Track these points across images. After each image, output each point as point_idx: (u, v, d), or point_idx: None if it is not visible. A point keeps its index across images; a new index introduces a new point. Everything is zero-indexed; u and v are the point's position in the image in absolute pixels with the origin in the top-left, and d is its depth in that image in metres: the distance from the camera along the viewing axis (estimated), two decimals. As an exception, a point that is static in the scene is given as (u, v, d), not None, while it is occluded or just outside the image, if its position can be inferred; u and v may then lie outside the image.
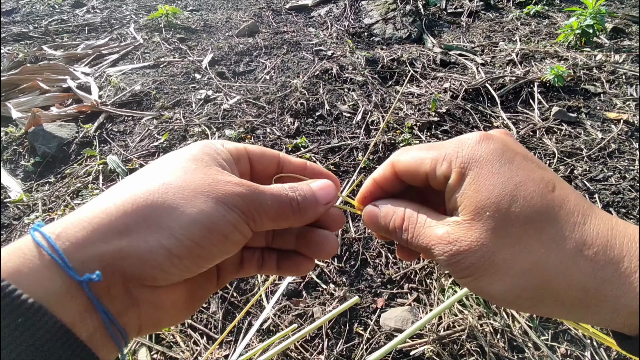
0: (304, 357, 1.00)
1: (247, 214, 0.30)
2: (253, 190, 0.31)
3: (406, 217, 0.35)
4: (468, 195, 0.31)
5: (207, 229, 0.28)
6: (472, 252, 0.30)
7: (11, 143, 1.89)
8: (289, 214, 0.33)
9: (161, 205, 0.27)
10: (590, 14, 2.50)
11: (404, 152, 0.37)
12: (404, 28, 2.95)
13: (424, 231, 0.33)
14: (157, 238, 0.26)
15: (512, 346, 1.01)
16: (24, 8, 3.68)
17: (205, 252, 0.28)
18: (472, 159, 0.32)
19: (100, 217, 0.26)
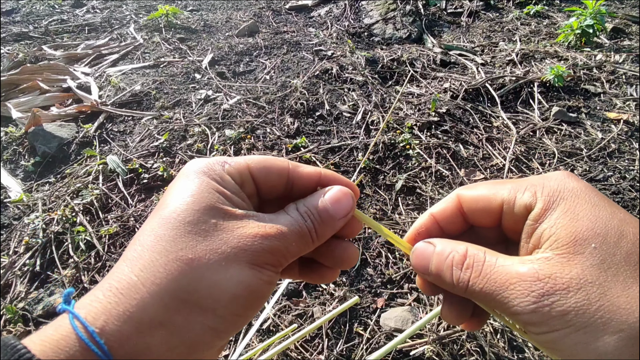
0: (304, 357, 1.00)
1: (278, 265, 0.29)
2: (279, 238, 0.29)
3: (469, 254, 0.29)
4: (563, 225, 0.26)
5: (248, 299, 0.27)
6: (573, 290, 0.24)
7: (11, 143, 1.89)
8: (309, 243, 0.31)
9: (198, 281, 0.26)
10: (590, 14, 2.49)
11: (471, 187, 0.33)
12: (404, 28, 2.95)
13: (496, 269, 0.27)
14: (201, 321, 0.25)
15: (512, 346, 1.01)
16: (24, 8, 3.68)
17: (248, 317, 0.29)
18: (564, 188, 0.28)
19: (137, 305, 0.24)
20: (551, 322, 0.24)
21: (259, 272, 0.28)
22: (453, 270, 0.30)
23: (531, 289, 0.25)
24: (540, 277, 0.25)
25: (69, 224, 1.37)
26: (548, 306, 0.24)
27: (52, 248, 1.30)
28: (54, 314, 1.13)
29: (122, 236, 1.34)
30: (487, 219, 0.32)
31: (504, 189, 0.31)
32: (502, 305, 0.27)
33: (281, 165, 0.33)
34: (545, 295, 0.25)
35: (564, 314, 0.24)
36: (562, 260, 0.25)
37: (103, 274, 1.23)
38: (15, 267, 1.25)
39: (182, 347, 0.25)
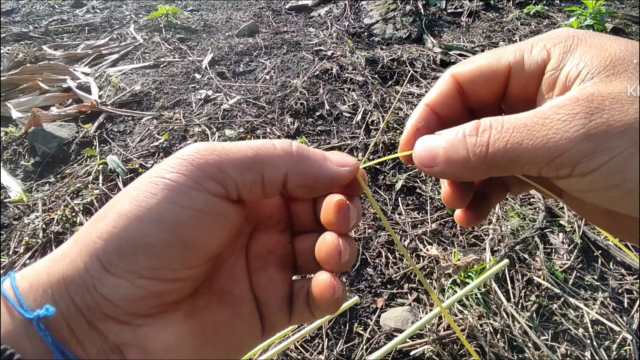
0: (304, 357, 1.00)
1: (195, 172, 0.24)
2: (210, 144, 0.26)
3: (483, 121, 0.25)
4: (592, 56, 0.22)
5: (132, 217, 0.23)
6: (627, 103, 0.20)
7: (11, 143, 1.89)
8: (271, 154, 0.26)
9: (97, 218, 0.24)
10: (590, 14, 2.49)
11: (465, 62, 0.29)
12: (404, 28, 2.95)
13: (521, 117, 0.23)
14: (86, 250, 0.22)
15: (512, 346, 1.01)
16: (24, 8, 3.68)
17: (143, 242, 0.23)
18: (576, 33, 0.24)
19: (57, 252, 0.24)
20: (613, 144, 0.19)
21: (154, 179, 0.24)
22: (467, 140, 0.24)
23: (575, 111, 0.20)
24: (582, 98, 0.21)
25: (69, 224, 1.37)
26: (604, 124, 0.19)
27: (52, 248, 1.30)
28: (54, 314, 1.13)
29: (122, 236, 1.34)
30: (491, 90, 0.28)
31: (507, 53, 0.27)
32: (537, 153, 0.21)
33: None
34: (595, 112, 0.20)
35: (626, 129, 0.19)
36: (602, 81, 0.21)
37: (103, 274, 1.23)
38: (16, 267, 1.25)
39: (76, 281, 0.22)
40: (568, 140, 0.20)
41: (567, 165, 0.21)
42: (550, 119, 0.21)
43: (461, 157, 0.24)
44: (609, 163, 0.20)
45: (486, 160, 0.23)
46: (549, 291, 1.13)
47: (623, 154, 0.19)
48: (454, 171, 0.25)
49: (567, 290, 1.13)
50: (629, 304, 1.10)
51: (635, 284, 1.15)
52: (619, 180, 0.20)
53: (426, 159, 0.26)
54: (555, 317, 1.08)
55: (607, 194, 0.21)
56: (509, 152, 0.22)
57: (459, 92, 0.30)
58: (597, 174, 0.20)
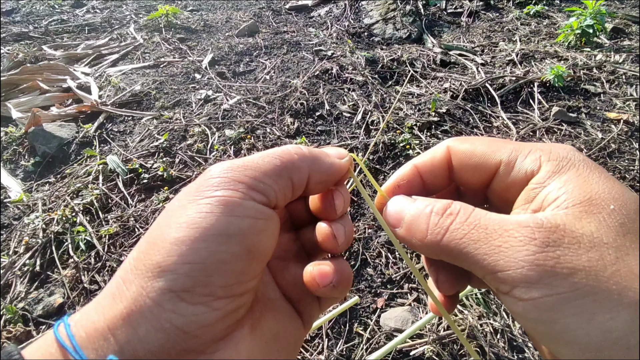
0: (304, 357, 1.00)
1: (238, 186, 0.25)
2: (230, 161, 0.26)
3: (454, 204, 0.25)
4: (576, 186, 0.23)
5: (194, 238, 0.22)
6: (585, 247, 0.20)
7: (11, 143, 1.89)
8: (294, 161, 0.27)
9: (145, 251, 0.23)
10: (590, 14, 2.49)
11: (465, 140, 0.30)
12: (404, 28, 2.95)
13: (487, 217, 0.23)
14: (152, 287, 0.21)
15: (512, 346, 1.01)
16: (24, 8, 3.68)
17: (213, 260, 0.22)
18: (574, 157, 0.25)
19: (106, 294, 0.23)
20: (553, 282, 0.19)
21: (204, 200, 0.24)
22: (431, 217, 0.25)
23: (533, 236, 0.21)
24: (545, 226, 0.21)
25: (69, 224, 1.37)
26: (554, 259, 0.20)
27: (52, 248, 1.30)
28: (54, 314, 1.13)
29: (122, 236, 1.34)
30: (477, 178, 0.29)
31: (504, 149, 0.27)
32: (485, 258, 0.22)
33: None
34: (550, 245, 0.20)
35: (571, 273, 0.19)
36: (573, 215, 0.21)
37: (103, 274, 1.23)
38: (15, 267, 1.25)
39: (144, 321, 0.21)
40: (515, 261, 0.21)
41: (508, 284, 0.21)
42: (509, 233, 0.22)
43: (420, 231, 0.26)
44: (544, 299, 0.20)
45: (440, 244, 0.24)
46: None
47: (559, 296, 0.19)
48: (411, 241, 0.27)
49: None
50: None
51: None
52: (549, 318, 0.20)
53: (393, 219, 0.28)
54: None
55: (535, 326, 0.21)
56: (461, 246, 0.23)
57: (449, 166, 0.30)
58: (531, 305, 0.20)
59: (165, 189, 1.52)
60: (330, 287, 0.28)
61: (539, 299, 0.20)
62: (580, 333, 0.19)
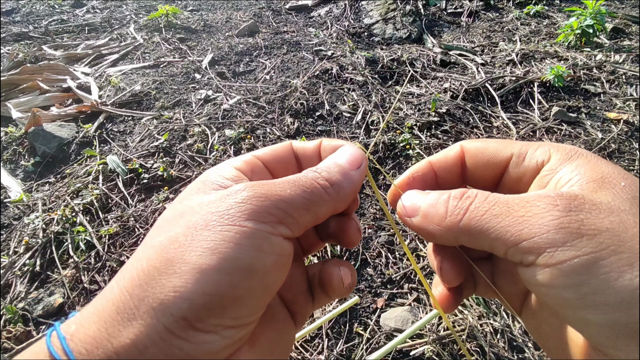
0: (304, 357, 1.00)
1: (269, 218, 0.24)
2: (260, 186, 0.25)
3: (470, 190, 0.26)
4: (587, 168, 0.24)
5: (218, 269, 0.22)
6: (605, 212, 0.21)
7: (11, 143, 1.89)
8: (321, 194, 0.26)
9: (159, 268, 0.22)
10: (590, 14, 2.50)
11: (477, 140, 0.32)
12: (404, 28, 2.95)
13: (505, 197, 0.24)
14: (164, 311, 0.21)
15: (512, 346, 1.01)
16: (24, 8, 3.68)
17: (232, 294, 0.22)
18: (579, 150, 0.26)
19: (108, 306, 0.22)
20: (580, 243, 0.20)
21: (233, 231, 0.22)
22: (449, 201, 0.26)
23: (555, 203, 0.21)
24: (565, 195, 0.22)
25: (69, 224, 1.37)
26: (578, 222, 0.20)
27: (52, 248, 1.30)
28: (54, 314, 1.13)
29: (122, 236, 1.34)
30: (489, 173, 0.30)
31: (515, 144, 0.29)
32: (508, 230, 0.22)
33: (284, 147, 0.32)
34: (573, 210, 0.21)
35: (597, 233, 0.20)
36: (589, 189, 0.22)
37: (103, 274, 1.23)
38: (15, 267, 1.25)
39: (150, 347, 0.20)
40: (540, 226, 0.21)
41: (533, 252, 0.21)
42: (531, 203, 0.22)
43: (439, 215, 0.26)
44: (572, 261, 0.20)
45: (460, 224, 0.25)
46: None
47: (587, 257, 0.20)
48: (427, 228, 0.27)
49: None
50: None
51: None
52: (577, 281, 0.20)
53: (408, 209, 0.29)
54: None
55: (562, 293, 0.21)
56: (483, 222, 0.23)
57: (461, 164, 0.31)
58: (558, 269, 0.21)
59: (165, 189, 1.52)
60: (349, 287, 0.29)
61: (566, 262, 0.20)
62: (610, 292, 0.19)
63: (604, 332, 0.20)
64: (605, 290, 0.19)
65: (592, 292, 0.20)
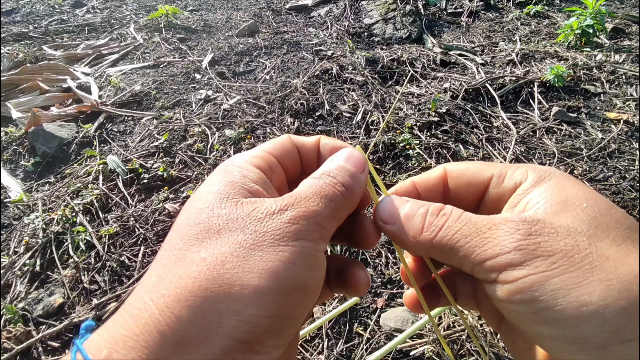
0: (304, 357, 1.00)
1: (314, 235, 0.25)
2: (299, 204, 0.25)
3: (447, 206, 0.28)
4: (554, 191, 0.26)
5: (278, 290, 0.22)
6: (562, 235, 0.23)
7: (11, 143, 1.89)
8: (342, 201, 0.27)
9: (212, 290, 0.21)
10: (590, 14, 2.50)
11: (460, 163, 0.33)
12: (404, 28, 2.95)
13: (477, 217, 0.26)
14: (223, 335, 0.20)
15: (512, 346, 1.01)
16: (24, 8, 3.68)
17: (291, 314, 0.23)
18: (555, 171, 0.28)
19: (149, 328, 0.20)
20: (535, 263, 0.22)
21: (287, 252, 0.23)
22: (427, 217, 0.28)
23: (517, 227, 0.24)
24: (527, 220, 0.24)
25: (69, 224, 1.37)
26: (535, 244, 0.23)
27: (52, 248, 1.30)
28: (54, 314, 1.13)
29: (122, 236, 1.34)
30: (471, 193, 0.31)
31: (495, 166, 0.31)
32: (475, 250, 0.24)
33: (289, 141, 0.33)
34: (532, 234, 0.23)
35: (550, 255, 0.22)
36: (552, 212, 0.25)
37: (103, 274, 1.23)
38: (15, 267, 1.25)
39: None
40: (502, 247, 0.24)
41: (495, 270, 0.24)
42: (497, 226, 0.25)
43: (415, 228, 0.28)
44: (527, 278, 0.22)
45: (433, 241, 0.27)
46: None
47: (540, 274, 0.22)
48: (403, 237, 0.28)
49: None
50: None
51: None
52: (530, 297, 0.22)
53: (386, 215, 0.30)
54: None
55: (518, 308, 0.23)
56: (453, 241, 0.26)
57: (443, 184, 0.33)
58: (514, 286, 0.23)
59: (166, 189, 1.52)
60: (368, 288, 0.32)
61: (521, 279, 0.22)
62: (559, 309, 0.21)
63: (557, 345, 0.22)
64: (554, 307, 0.21)
65: (544, 308, 0.22)
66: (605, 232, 0.23)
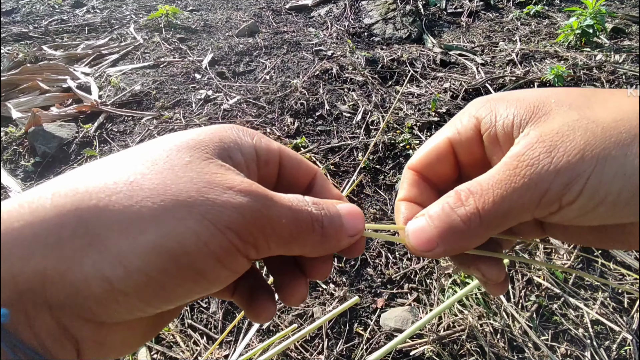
0: (304, 357, 1.00)
1: (247, 238, 0.21)
2: (262, 201, 0.22)
3: (458, 189, 0.26)
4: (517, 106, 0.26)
5: (173, 260, 0.19)
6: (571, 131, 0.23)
7: (11, 143, 1.89)
8: (306, 238, 0.24)
9: (116, 213, 0.19)
10: (590, 14, 2.49)
11: (416, 152, 0.31)
12: (404, 28, 2.95)
13: (493, 173, 0.25)
14: (96, 262, 0.18)
15: (512, 346, 1.01)
16: (24, 8, 3.68)
17: (165, 292, 0.20)
18: (491, 97, 0.28)
19: (28, 218, 0.19)
20: (578, 169, 0.22)
21: (208, 232, 0.20)
22: (457, 211, 0.25)
23: (535, 154, 0.23)
24: (533, 141, 0.23)
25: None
26: (563, 156, 0.22)
27: (52, 248, 1.30)
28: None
29: (122, 236, 1.34)
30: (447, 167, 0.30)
31: (443, 131, 0.30)
32: (524, 201, 0.23)
33: (311, 166, 0.30)
34: (552, 149, 0.23)
35: (581, 154, 0.22)
36: (537, 124, 0.24)
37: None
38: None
39: (61, 285, 0.18)
40: (543, 180, 0.23)
41: (554, 201, 0.23)
42: (520, 167, 0.23)
43: (458, 230, 0.25)
44: (587, 185, 0.22)
45: (482, 224, 0.24)
46: (549, 291, 1.13)
47: (593, 174, 0.22)
48: (455, 246, 0.26)
49: (567, 290, 1.13)
50: (629, 304, 1.10)
51: (635, 284, 1.15)
52: (602, 196, 0.22)
53: (423, 246, 0.26)
54: (555, 317, 1.08)
55: (597, 212, 0.23)
56: (500, 209, 0.24)
57: (423, 180, 0.31)
58: (583, 198, 0.22)
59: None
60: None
61: (584, 189, 0.22)
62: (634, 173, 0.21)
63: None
64: (631, 176, 0.21)
65: (619, 195, 0.22)
66: (592, 104, 0.24)
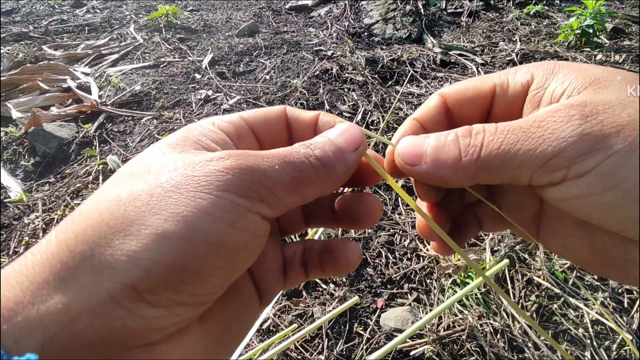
0: (304, 357, 1.00)
1: (249, 194, 0.21)
2: (244, 157, 0.22)
3: (475, 125, 0.25)
4: (576, 75, 0.24)
5: (183, 240, 0.19)
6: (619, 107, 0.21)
7: (11, 143, 1.89)
8: (311, 175, 0.24)
9: (112, 227, 0.19)
10: (590, 14, 2.50)
11: (453, 85, 0.30)
12: (404, 28, 2.95)
13: (515, 122, 0.23)
14: (111, 277, 0.18)
15: (512, 346, 1.01)
16: (24, 8, 3.68)
17: (189, 273, 0.19)
18: (561, 62, 0.25)
19: (40, 263, 0.19)
20: (607, 144, 0.20)
21: (207, 202, 0.20)
22: (460, 140, 0.24)
23: (570, 113, 0.21)
24: (575, 103, 0.21)
25: (69, 224, 1.37)
26: (599, 124, 0.20)
27: (52, 248, 1.30)
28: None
29: (122, 236, 1.34)
30: (477, 110, 0.29)
31: (492, 76, 0.28)
32: (531, 154, 0.21)
33: (277, 109, 0.29)
34: (590, 115, 0.20)
35: (620, 129, 0.20)
36: (591, 93, 0.22)
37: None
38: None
39: (89, 315, 0.17)
40: (564, 140, 0.21)
41: (562, 167, 0.21)
42: (546, 121, 0.22)
43: (452, 157, 0.24)
44: (606, 162, 0.20)
45: (478, 162, 0.23)
46: (549, 291, 1.13)
47: (619, 153, 0.19)
48: (440, 172, 0.25)
49: (567, 290, 1.13)
50: (629, 304, 1.10)
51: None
52: (616, 181, 0.20)
53: (411, 157, 0.26)
54: (555, 317, 1.08)
55: (602, 198, 0.20)
56: (502, 154, 0.22)
57: (445, 111, 0.30)
58: (594, 175, 0.20)
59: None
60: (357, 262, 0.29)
61: (601, 164, 0.20)
62: None
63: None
64: None
65: (635, 186, 0.19)
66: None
